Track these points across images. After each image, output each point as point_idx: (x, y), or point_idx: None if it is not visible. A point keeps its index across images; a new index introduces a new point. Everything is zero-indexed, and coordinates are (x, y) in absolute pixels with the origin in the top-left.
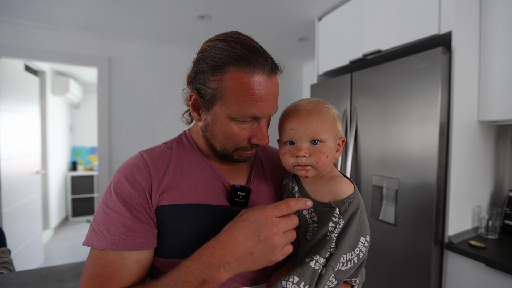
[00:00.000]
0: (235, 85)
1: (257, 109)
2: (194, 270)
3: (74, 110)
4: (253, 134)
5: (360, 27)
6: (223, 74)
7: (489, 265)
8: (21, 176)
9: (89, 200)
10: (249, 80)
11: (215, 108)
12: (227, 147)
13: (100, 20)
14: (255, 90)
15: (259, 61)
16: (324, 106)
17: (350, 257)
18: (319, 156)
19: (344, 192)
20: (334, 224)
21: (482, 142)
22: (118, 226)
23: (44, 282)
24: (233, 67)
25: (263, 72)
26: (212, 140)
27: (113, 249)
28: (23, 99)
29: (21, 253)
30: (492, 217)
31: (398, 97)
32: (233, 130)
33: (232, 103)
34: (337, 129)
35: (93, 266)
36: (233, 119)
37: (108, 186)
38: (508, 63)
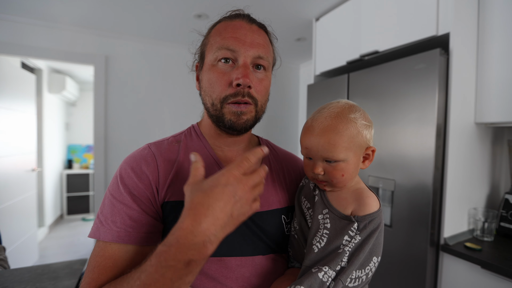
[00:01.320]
0: (216, 30)
1: (233, 42)
2: (175, 254)
3: (70, 108)
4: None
5: (357, 27)
6: (210, 30)
7: (484, 267)
8: (16, 173)
9: (84, 198)
10: (228, 24)
11: (205, 60)
12: (214, 99)
13: (97, 18)
14: (232, 29)
15: (239, 14)
16: (344, 119)
17: (360, 274)
18: (333, 174)
19: (369, 208)
20: (349, 238)
21: (478, 144)
22: (124, 219)
23: (38, 279)
24: (219, 22)
25: (241, 20)
26: (204, 98)
27: (118, 241)
28: (19, 96)
29: (16, 250)
30: (488, 219)
31: (395, 99)
32: (215, 72)
33: (213, 44)
34: (360, 142)
35: (95, 257)
36: (214, 60)
37: (114, 177)
38: (505, 65)
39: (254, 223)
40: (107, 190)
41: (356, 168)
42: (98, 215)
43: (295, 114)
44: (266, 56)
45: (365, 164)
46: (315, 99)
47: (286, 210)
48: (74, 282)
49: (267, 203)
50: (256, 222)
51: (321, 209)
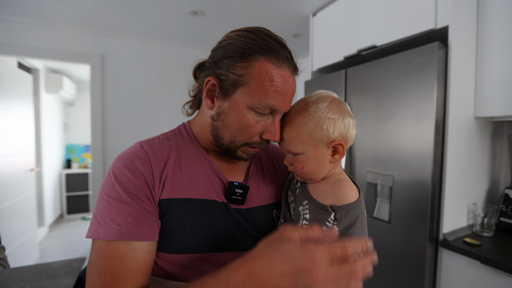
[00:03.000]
0: (262, 74)
1: (277, 102)
2: None
3: (68, 107)
4: (266, 129)
5: (354, 22)
6: (251, 62)
7: (484, 262)
8: (15, 173)
9: (84, 197)
10: (276, 72)
11: (235, 96)
12: (237, 140)
13: (93, 17)
14: (280, 83)
15: (287, 56)
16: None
17: None
18: (295, 166)
19: (346, 198)
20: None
21: (478, 138)
22: (125, 216)
23: (38, 278)
24: (263, 56)
25: (288, 68)
26: (222, 130)
27: (121, 239)
28: (16, 96)
29: (16, 250)
30: (488, 214)
31: (393, 94)
32: (249, 121)
33: (256, 92)
34: (321, 136)
35: (102, 259)
36: (252, 109)
37: (107, 177)
38: (505, 58)
39: (245, 219)
40: (101, 190)
41: (320, 161)
42: (94, 215)
43: None
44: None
45: (335, 158)
46: None
47: (277, 205)
48: (73, 281)
49: (257, 199)
50: (247, 218)
51: (302, 201)
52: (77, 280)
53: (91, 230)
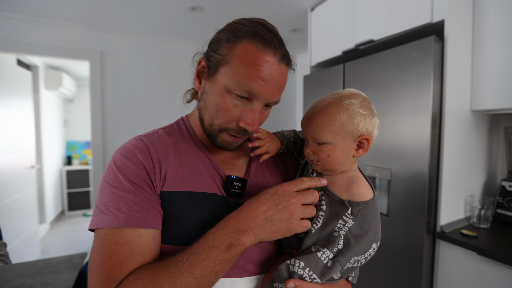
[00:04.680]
0: (244, 55)
1: (256, 87)
2: (221, 236)
3: (68, 104)
4: (243, 116)
5: (352, 16)
6: (236, 43)
7: (480, 253)
8: (16, 170)
9: (85, 194)
10: (259, 55)
11: (217, 75)
12: (215, 123)
13: (92, 13)
14: (261, 67)
15: (274, 43)
16: (336, 104)
17: (359, 258)
18: (320, 155)
19: (362, 195)
20: (343, 223)
21: (475, 131)
22: (129, 205)
23: (39, 274)
24: (248, 40)
25: (274, 54)
26: (203, 111)
27: (127, 226)
28: (16, 93)
29: (18, 246)
30: (485, 206)
31: (390, 88)
32: (226, 103)
33: (234, 72)
34: (351, 129)
35: (108, 245)
36: (229, 91)
37: (109, 168)
38: (501, 51)
39: None
40: (103, 181)
41: (345, 153)
42: (97, 206)
43: (292, 105)
44: (279, 100)
45: (358, 152)
46: (311, 90)
47: None
48: (74, 276)
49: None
50: None
51: (318, 191)
52: (79, 275)
53: (94, 221)
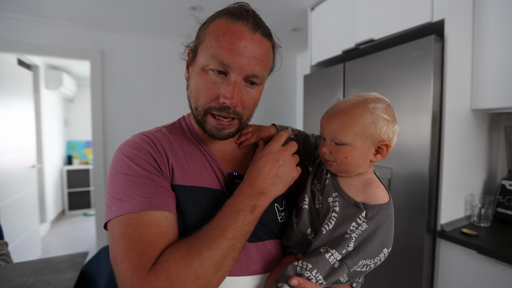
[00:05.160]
0: (214, 30)
1: (228, 57)
2: (243, 200)
3: (68, 104)
4: (221, 92)
5: (352, 16)
6: (209, 23)
7: (480, 252)
8: (16, 170)
9: (85, 193)
10: (228, 27)
11: (196, 58)
12: (198, 105)
13: (92, 13)
14: (231, 37)
15: (243, 15)
16: (361, 106)
17: (369, 263)
18: (337, 155)
19: (378, 198)
20: (356, 225)
21: (475, 130)
22: (150, 190)
23: (41, 273)
24: (220, 17)
25: (244, 25)
26: (190, 98)
27: (152, 209)
28: (16, 93)
29: (19, 246)
30: (485, 205)
31: (391, 87)
32: (204, 80)
33: (207, 48)
34: (373, 133)
35: (135, 228)
36: (205, 67)
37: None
38: (501, 50)
39: None
40: (114, 172)
41: (363, 156)
42: (112, 197)
43: (292, 104)
44: (261, 74)
45: (376, 157)
46: (311, 89)
47: (279, 199)
48: (75, 275)
49: None
50: None
51: (331, 192)
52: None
53: (113, 210)
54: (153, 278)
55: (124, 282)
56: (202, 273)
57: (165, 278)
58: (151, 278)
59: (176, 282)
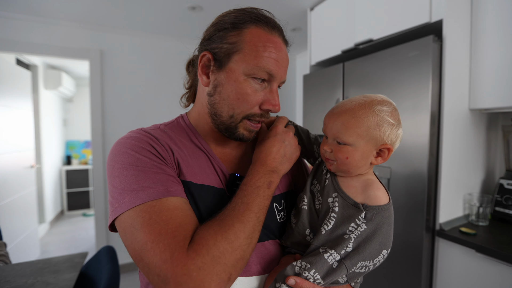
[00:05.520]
0: (255, 39)
1: (273, 67)
2: (259, 178)
3: (67, 104)
4: (265, 99)
5: (352, 16)
6: (243, 29)
7: (479, 251)
8: (15, 170)
9: (84, 194)
10: (268, 37)
11: (230, 64)
12: (236, 113)
13: (91, 13)
14: (273, 48)
15: (276, 25)
16: (367, 107)
17: (367, 264)
18: (338, 155)
19: (378, 199)
20: (355, 226)
21: (473, 130)
22: (164, 179)
23: (40, 273)
24: (254, 24)
25: (279, 36)
26: (220, 105)
27: (171, 196)
28: (15, 93)
29: (18, 247)
30: (483, 204)
31: (389, 87)
32: (247, 89)
33: (250, 57)
34: (376, 135)
35: (160, 213)
36: (249, 75)
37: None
38: (499, 50)
39: None
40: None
41: (364, 158)
42: (122, 189)
43: (292, 104)
44: (285, 79)
45: (377, 160)
46: (311, 89)
47: (278, 198)
48: (75, 275)
49: None
50: None
51: (331, 193)
52: (80, 275)
53: (125, 202)
54: (194, 254)
55: (162, 265)
56: (238, 245)
57: (206, 253)
58: (192, 255)
59: (217, 255)
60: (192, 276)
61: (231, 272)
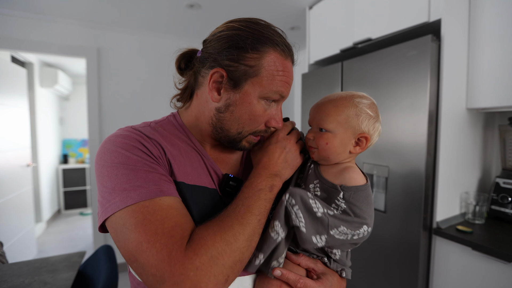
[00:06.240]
0: (272, 64)
1: (285, 90)
2: (261, 181)
3: (64, 102)
4: (271, 117)
5: (350, 15)
6: (262, 53)
7: (475, 248)
8: (11, 169)
9: (81, 192)
10: (284, 63)
11: (246, 87)
12: (245, 130)
13: (88, 10)
14: (287, 73)
15: (291, 50)
16: (347, 99)
17: (348, 232)
18: (319, 141)
19: (354, 181)
20: (336, 207)
21: (470, 129)
22: (156, 178)
23: (37, 273)
24: (273, 48)
25: (291, 59)
26: (229, 122)
27: (164, 195)
28: (10, 91)
29: (14, 246)
30: (479, 202)
31: (388, 86)
32: (259, 110)
33: (267, 82)
34: (354, 125)
35: (154, 213)
36: (263, 98)
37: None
38: (496, 50)
39: None
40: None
41: (343, 145)
42: (112, 189)
43: (290, 103)
44: None
45: (356, 149)
46: (309, 88)
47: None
48: (73, 275)
49: None
50: None
51: (313, 180)
52: (77, 274)
53: (116, 202)
54: (192, 254)
55: (159, 265)
56: (237, 247)
57: (204, 253)
58: (190, 254)
59: (215, 256)
60: (189, 276)
61: (228, 274)
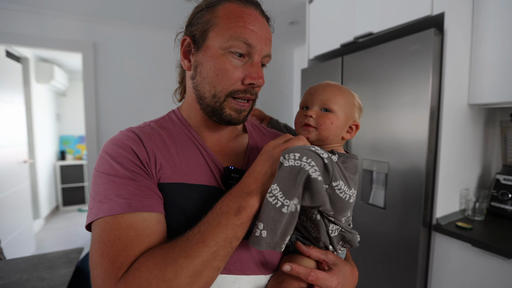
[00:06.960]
0: (228, 13)
1: (251, 37)
2: (228, 202)
3: (60, 98)
4: (246, 73)
5: (351, 9)
6: (216, 6)
7: (475, 245)
8: (8, 165)
9: (79, 189)
10: (242, 10)
11: (206, 42)
12: (218, 91)
13: (84, 3)
14: (249, 19)
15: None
16: (348, 91)
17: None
18: (324, 120)
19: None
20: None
21: (471, 125)
22: (131, 190)
23: (35, 269)
24: (227, 1)
25: (255, 9)
26: (201, 86)
27: (131, 211)
28: (5, 86)
29: (12, 242)
30: (479, 199)
31: (389, 82)
32: (225, 64)
33: (225, 30)
34: (351, 112)
35: (110, 232)
36: (225, 49)
37: (102, 159)
38: (499, 45)
39: None
40: (96, 172)
41: (341, 128)
42: (93, 198)
43: (289, 99)
44: (270, 53)
45: (347, 135)
46: (309, 83)
47: None
48: (70, 271)
49: None
50: None
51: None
52: (75, 270)
53: (93, 212)
54: (123, 287)
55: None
56: (176, 284)
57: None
58: (121, 287)
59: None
60: None
61: None
